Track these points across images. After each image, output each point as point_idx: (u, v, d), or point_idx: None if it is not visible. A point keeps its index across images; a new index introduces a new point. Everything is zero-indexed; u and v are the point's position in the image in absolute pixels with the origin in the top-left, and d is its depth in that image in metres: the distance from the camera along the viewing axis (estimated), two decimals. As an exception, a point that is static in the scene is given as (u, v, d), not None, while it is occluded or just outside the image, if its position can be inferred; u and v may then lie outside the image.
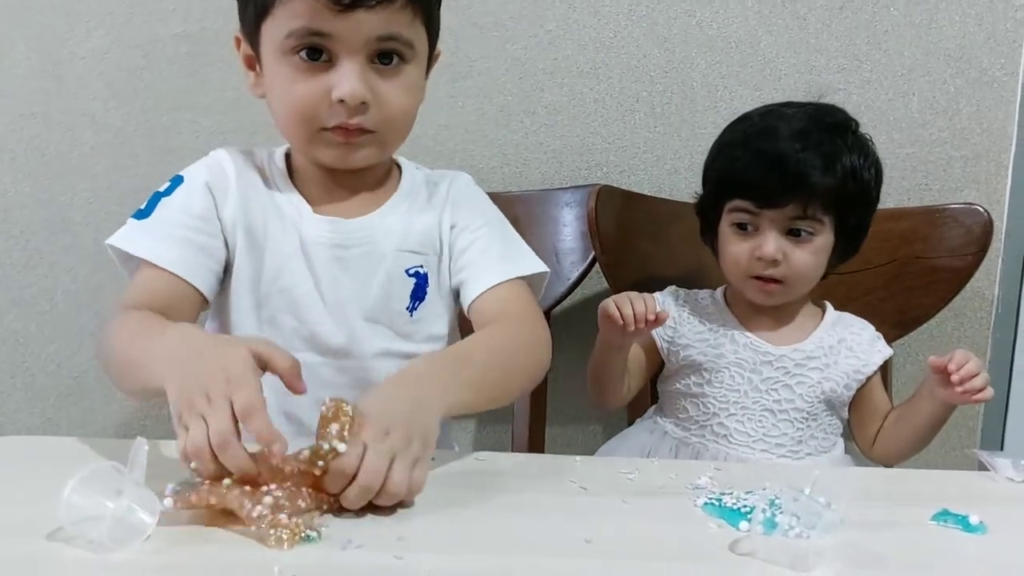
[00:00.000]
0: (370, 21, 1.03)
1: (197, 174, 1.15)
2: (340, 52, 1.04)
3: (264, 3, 1.05)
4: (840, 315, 1.41)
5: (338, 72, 1.04)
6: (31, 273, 1.74)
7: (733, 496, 0.87)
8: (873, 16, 1.68)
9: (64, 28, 1.67)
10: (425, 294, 1.19)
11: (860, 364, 1.36)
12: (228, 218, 1.14)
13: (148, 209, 1.12)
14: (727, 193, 1.32)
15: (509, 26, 1.69)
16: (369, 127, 1.08)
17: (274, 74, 1.08)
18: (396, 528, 0.78)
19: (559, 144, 1.73)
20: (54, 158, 1.71)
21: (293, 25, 1.03)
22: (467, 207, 1.23)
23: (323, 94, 1.05)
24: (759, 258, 1.28)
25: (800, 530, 0.78)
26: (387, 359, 1.16)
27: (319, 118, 1.07)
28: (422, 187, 1.23)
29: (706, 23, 1.69)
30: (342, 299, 1.15)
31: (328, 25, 1.02)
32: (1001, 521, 0.85)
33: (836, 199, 1.27)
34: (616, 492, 0.90)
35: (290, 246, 1.14)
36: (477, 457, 0.99)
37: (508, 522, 0.82)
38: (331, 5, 1.00)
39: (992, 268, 1.74)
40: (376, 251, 1.16)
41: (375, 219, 1.17)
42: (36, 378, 1.78)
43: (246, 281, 1.14)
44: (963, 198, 1.68)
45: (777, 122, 1.30)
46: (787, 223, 1.28)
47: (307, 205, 1.16)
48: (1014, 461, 1.00)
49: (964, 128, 1.71)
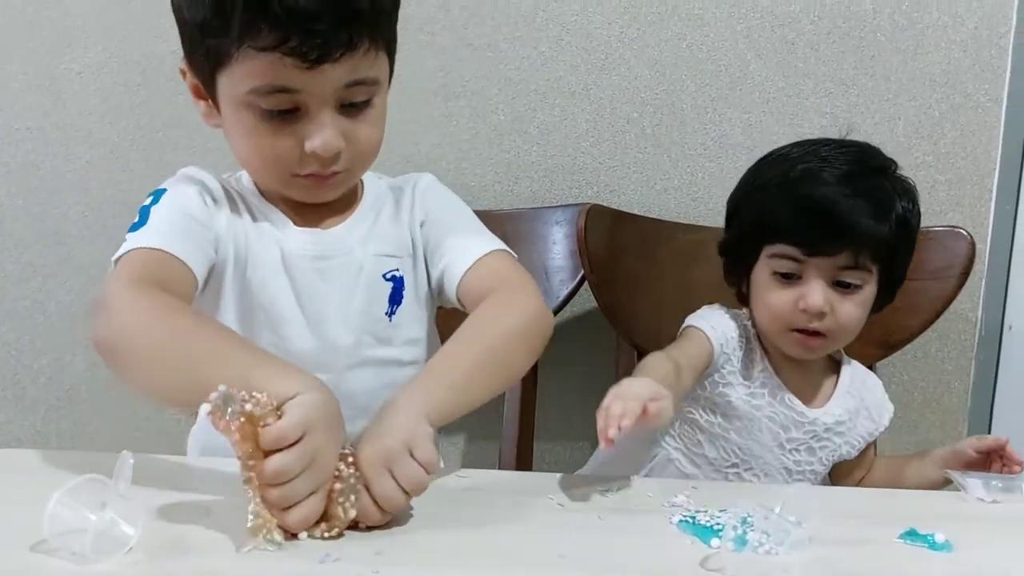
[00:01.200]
0: (336, 72, 0.99)
1: (183, 183, 1.13)
2: (309, 104, 1.00)
3: (219, 56, 0.99)
4: (853, 369, 1.35)
5: (309, 124, 1.01)
6: (24, 286, 1.76)
7: (707, 514, 0.89)
8: (860, 42, 1.70)
9: (61, 43, 1.70)
10: (402, 297, 1.17)
11: (873, 427, 1.33)
12: (220, 226, 1.11)
13: (142, 220, 1.08)
14: (767, 237, 1.23)
15: (503, 48, 1.72)
16: (341, 169, 1.07)
17: (234, 122, 1.04)
18: (374, 543, 0.80)
19: (550, 163, 1.75)
20: (49, 172, 1.73)
21: (256, 82, 0.98)
22: (433, 202, 1.22)
23: (294, 145, 1.03)
24: (804, 310, 1.20)
25: (770, 547, 0.81)
26: (367, 368, 1.15)
27: (291, 167, 1.05)
28: (387, 195, 1.22)
29: (696, 46, 1.71)
30: (323, 310, 1.13)
31: (295, 81, 0.98)
32: (968, 540, 0.87)
33: (887, 247, 1.20)
34: (593, 509, 0.91)
35: (272, 261, 1.12)
36: (459, 474, 1.01)
37: (484, 537, 0.84)
38: (297, 63, 0.95)
39: (975, 291, 1.75)
40: (355, 260, 1.15)
41: (346, 228, 1.16)
42: (27, 390, 1.80)
43: (232, 298, 1.12)
44: (948, 221, 1.70)
45: (820, 164, 1.21)
46: (835, 273, 1.20)
47: (286, 219, 1.14)
48: (984, 481, 1.01)
49: (949, 152, 1.73)
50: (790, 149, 1.28)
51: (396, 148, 1.72)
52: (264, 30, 0.93)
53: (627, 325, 1.56)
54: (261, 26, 0.93)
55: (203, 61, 1.01)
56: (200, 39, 0.99)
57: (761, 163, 1.31)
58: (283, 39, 0.94)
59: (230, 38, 0.95)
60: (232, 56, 0.97)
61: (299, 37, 0.94)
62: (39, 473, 0.94)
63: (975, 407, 1.80)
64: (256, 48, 0.95)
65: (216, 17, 0.95)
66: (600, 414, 0.95)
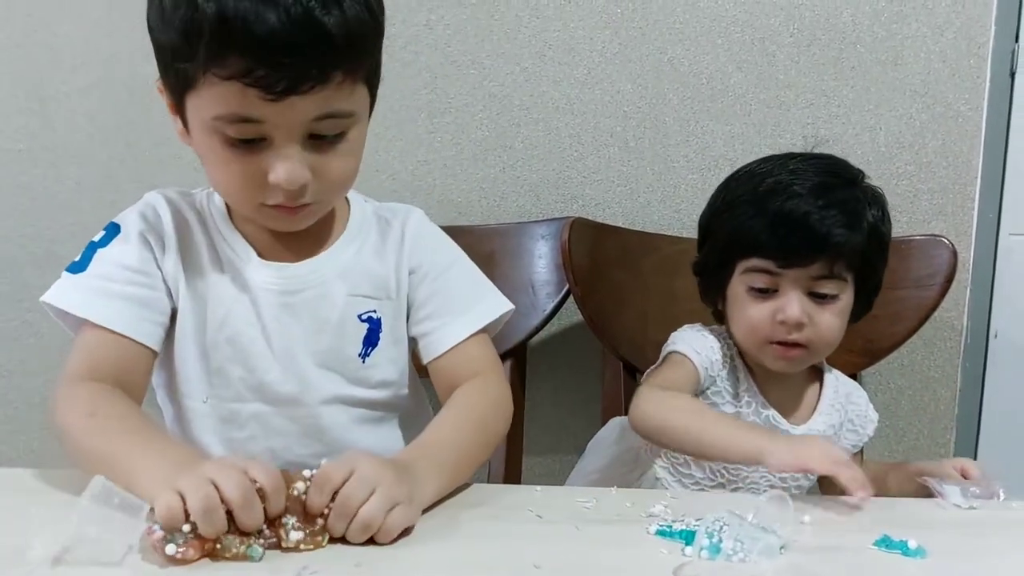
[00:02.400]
0: (304, 105, 0.94)
1: (132, 223, 1.10)
2: (274, 135, 0.96)
3: (186, 79, 0.96)
4: (837, 380, 1.36)
5: (273, 155, 0.97)
6: (17, 307, 1.77)
7: (685, 523, 0.90)
8: (840, 53, 1.72)
9: (49, 65, 1.71)
10: (378, 339, 1.15)
11: (857, 439, 1.34)
12: (169, 267, 1.09)
13: (83, 262, 1.07)
14: (741, 253, 1.24)
15: (486, 64, 1.73)
16: (310, 201, 1.03)
17: (204, 146, 1.01)
18: (354, 555, 0.81)
19: (535, 178, 1.76)
20: (39, 193, 1.74)
21: (220, 110, 0.95)
22: (427, 250, 1.19)
23: (259, 175, 0.98)
24: (782, 322, 1.21)
25: (743, 554, 0.81)
26: (338, 405, 1.14)
27: (258, 195, 1.01)
28: (372, 223, 1.18)
29: (678, 60, 1.73)
30: (292, 346, 1.11)
31: (259, 112, 0.94)
32: (944, 546, 0.88)
33: (860, 256, 1.21)
34: (571, 520, 0.92)
35: (234, 293, 1.10)
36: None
37: (460, 549, 0.84)
38: (262, 94, 0.92)
39: (961, 298, 1.77)
40: (326, 294, 1.12)
41: (323, 260, 1.13)
42: (19, 411, 1.80)
43: (191, 331, 1.10)
44: (931, 230, 1.71)
45: (790, 177, 1.22)
46: (810, 283, 1.21)
47: (252, 250, 1.11)
48: (962, 488, 1.02)
49: (930, 162, 1.74)
50: (758, 165, 1.29)
51: (382, 166, 1.74)
52: (230, 58, 0.90)
53: (612, 337, 1.57)
54: (227, 54, 0.90)
55: (173, 83, 0.99)
56: (170, 61, 0.97)
57: (730, 180, 1.32)
58: (248, 69, 0.90)
59: (196, 63, 0.93)
60: (198, 81, 0.94)
61: (265, 68, 0.90)
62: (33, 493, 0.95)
63: (962, 414, 1.81)
64: (220, 76, 0.92)
65: (184, 42, 0.92)
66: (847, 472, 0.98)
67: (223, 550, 0.78)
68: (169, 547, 0.76)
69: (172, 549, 0.76)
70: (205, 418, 1.12)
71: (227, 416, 1.12)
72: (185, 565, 0.77)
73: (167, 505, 0.77)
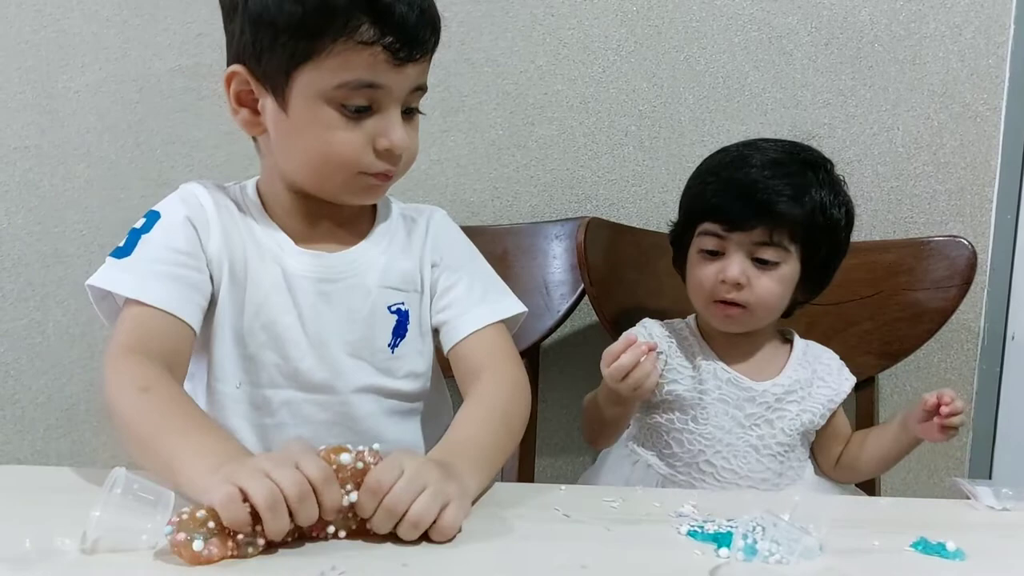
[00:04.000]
0: (414, 73, 1.06)
1: (175, 209, 1.12)
2: (385, 102, 1.05)
3: (307, 51, 1.02)
4: (807, 345, 1.41)
5: (383, 121, 1.05)
6: (23, 305, 1.75)
7: (716, 523, 0.88)
8: (858, 52, 1.71)
9: (59, 62, 1.70)
10: (406, 331, 1.18)
11: (832, 393, 1.37)
12: (213, 251, 1.11)
13: (128, 247, 1.08)
14: (697, 218, 1.34)
15: (500, 62, 1.72)
16: (394, 171, 1.10)
17: (309, 119, 1.05)
18: (402, 555, 0.79)
19: (549, 177, 1.75)
20: (48, 191, 1.72)
21: (348, 77, 1.02)
22: (448, 245, 1.23)
23: (366, 142, 1.06)
24: (723, 281, 1.29)
25: (780, 556, 0.80)
26: (369, 394, 1.16)
27: (359, 164, 1.07)
28: (399, 221, 1.22)
29: (694, 59, 1.72)
30: (325, 334, 1.13)
31: (383, 77, 1.03)
32: (979, 548, 0.86)
33: (803, 230, 1.28)
34: (599, 520, 0.91)
35: (272, 280, 1.12)
36: (464, 486, 1.00)
37: (504, 549, 0.83)
38: (390, 58, 1.02)
39: (978, 301, 1.75)
40: (360, 285, 1.15)
41: (360, 251, 1.16)
42: (26, 410, 1.79)
43: (228, 316, 1.12)
44: (948, 231, 1.69)
45: (751, 152, 1.33)
46: (753, 248, 1.29)
47: (288, 239, 1.14)
48: (995, 490, 1.01)
49: (948, 162, 1.73)
50: (733, 144, 1.38)
51: (395, 163, 1.72)
52: (364, 26, 1.00)
53: (628, 338, 1.56)
54: (363, 21, 1.00)
55: (281, 60, 1.03)
56: (287, 38, 1.02)
57: (706, 158, 1.41)
58: (382, 35, 1.01)
59: (330, 33, 1.00)
60: (325, 50, 1.01)
61: (394, 35, 1.01)
62: (40, 491, 0.94)
63: (979, 416, 1.80)
64: (358, 41, 1.00)
65: (318, 12, 1.00)
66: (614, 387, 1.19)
67: (245, 545, 0.77)
68: (196, 543, 0.74)
69: (200, 546, 0.74)
70: (237, 403, 1.13)
71: (259, 402, 1.13)
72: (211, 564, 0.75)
73: (229, 496, 0.76)
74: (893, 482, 1.75)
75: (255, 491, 0.76)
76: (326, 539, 0.81)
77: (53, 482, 0.97)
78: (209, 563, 0.75)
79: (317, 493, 0.78)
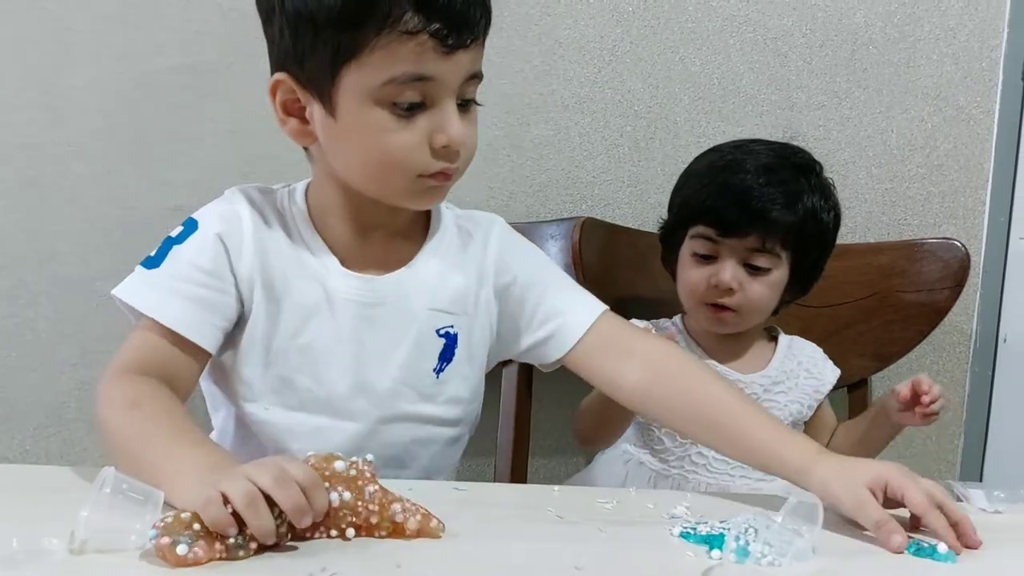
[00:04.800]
0: (465, 60, 0.98)
1: (210, 223, 1.06)
2: (438, 95, 0.98)
3: (350, 47, 0.95)
4: (791, 340, 1.44)
5: (438, 115, 0.98)
6: (14, 303, 1.74)
7: (709, 525, 0.88)
8: (852, 54, 1.71)
9: (59, 60, 1.69)
10: (453, 355, 1.12)
11: (818, 384, 1.40)
12: (244, 271, 1.06)
13: (159, 257, 1.05)
14: (690, 220, 1.35)
15: (496, 62, 1.71)
16: (455, 168, 1.03)
17: (359, 123, 0.99)
18: (396, 556, 0.79)
19: (544, 178, 1.75)
20: (46, 189, 1.71)
21: (395, 71, 0.95)
22: (517, 258, 1.17)
23: (421, 141, 0.98)
24: (715, 285, 1.31)
25: (772, 558, 0.80)
26: (403, 423, 1.11)
27: (418, 165, 1.00)
28: (454, 232, 1.16)
29: (689, 60, 1.72)
30: (367, 358, 1.09)
31: (433, 68, 0.96)
32: (971, 551, 0.87)
33: (795, 236, 1.31)
34: (593, 521, 0.91)
35: (313, 301, 1.07)
36: (456, 487, 1.00)
37: (498, 550, 0.83)
38: (438, 46, 0.95)
39: (970, 303, 1.76)
40: (408, 308, 1.10)
41: (408, 273, 1.11)
42: (15, 408, 1.77)
43: (260, 336, 1.07)
44: (941, 233, 1.70)
45: (744, 156, 1.34)
46: (745, 254, 1.31)
47: (334, 259, 1.08)
48: (987, 492, 1.01)
49: (942, 164, 1.73)
50: (725, 145, 1.40)
51: (390, 163, 1.72)
52: (407, 14, 0.93)
53: (623, 338, 1.56)
54: (406, 9, 0.93)
55: (324, 59, 0.97)
56: (328, 34, 0.96)
57: (697, 158, 1.43)
58: (427, 21, 0.94)
59: (372, 24, 0.94)
60: (369, 45, 0.95)
61: (440, 21, 0.94)
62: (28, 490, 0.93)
63: (970, 419, 1.81)
64: (402, 31, 0.94)
65: (356, 2, 0.94)
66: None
67: (234, 548, 0.76)
68: (180, 547, 0.74)
69: (184, 550, 0.74)
70: (263, 425, 1.08)
71: (287, 426, 1.09)
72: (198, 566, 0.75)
73: (209, 499, 0.75)
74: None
75: (233, 490, 0.75)
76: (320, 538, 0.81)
77: (42, 481, 0.97)
78: (196, 565, 0.75)
79: (307, 494, 0.78)
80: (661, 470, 1.37)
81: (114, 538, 0.76)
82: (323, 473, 0.81)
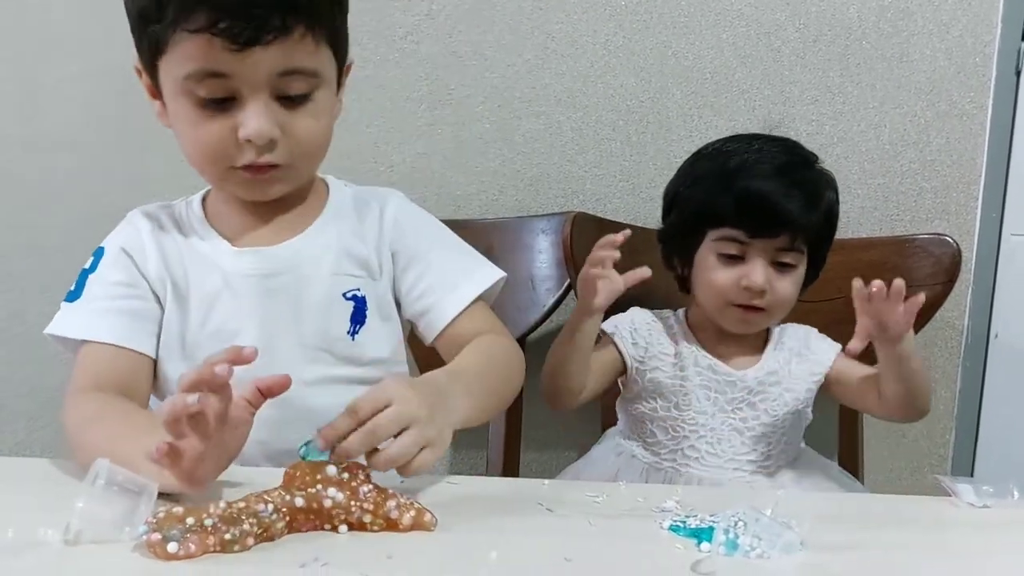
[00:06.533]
0: (268, 57, 0.99)
1: (113, 241, 1.14)
2: (243, 90, 1.00)
3: (158, 42, 1.00)
4: (782, 328, 1.43)
5: (243, 111, 1.01)
6: (3, 296, 1.74)
7: (698, 518, 0.88)
8: (846, 49, 1.71)
9: (42, 52, 1.68)
10: (365, 317, 1.15)
11: (812, 365, 1.39)
12: (152, 273, 1.12)
13: (78, 290, 1.11)
14: (711, 223, 1.33)
15: (488, 55, 1.71)
16: (280, 162, 1.05)
17: (176, 112, 1.04)
18: (387, 547, 0.79)
19: (536, 172, 1.75)
20: (31, 181, 1.71)
21: (189, 67, 0.99)
22: (409, 232, 1.20)
23: (229, 133, 1.02)
24: (746, 287, 1.30)
25: (761, 551, 0.80)
26: (328, 386, 1.12)
27: (228, 157, 1.04)
28: (350, 206, 1.19)
29: (682, 54, 1.71)
30: (276, 331, 1.11)
31: (226, 65, 0.98)
32: (961, 545, 0.87)
33: (816, 231, 1.33)
34: (582, 514, 0.90)
35: (213, 288, 1.11)
36: (449, 480, 0.99)
37: (489, 542, 0.82)
38: (227, 44, 0.96)
39: (962, 299, 1.75)
40: (308, 274, 1.13)
41: (301, 242, 1.14)
42: (7, 401, 1.77)
43: (175, 335, 1.11)
44: (933, 229, 1.70)
45: (756, 156, 1.33)
46: (775, 254, 1.31)
47: (224, 242, 1.13)
48: (976, 487, 1.00)
49: (934, 160, 1.73)
50: (724, 143, 1.39)
51: (380, 157, 1.72)
52: (196, 12, 0.95)
53: (614, 333, 1.55)
54: (195, 9, 0.95)
55: (145, 51, 1.03)
56: (143, 28, 1.00)
57: (698, 156, 1.41)
58: (214, 21, 0.95)
59: (166, 22, 0.97)
60: (168, 41, 0.98)
61: (230, 19, 0.95)
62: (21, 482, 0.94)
63: (961, 414, 1.80)
64: (188, 30, 0.96)
65: (155, 2, 0.97)
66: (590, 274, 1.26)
67: (232, 544, 0.76)
68: (171, 545, 0.74)
69: (175, 547, 0.74)
70: None
71: None
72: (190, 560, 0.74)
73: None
74: (875, 479, 1.75)
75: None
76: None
77: (36, 473, 0.98)
78: (189, 559, 0.74)
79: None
80: (653, 463, 1.37)
81: (109, 529, 0.76)
82: (314, 477, 0.82)
